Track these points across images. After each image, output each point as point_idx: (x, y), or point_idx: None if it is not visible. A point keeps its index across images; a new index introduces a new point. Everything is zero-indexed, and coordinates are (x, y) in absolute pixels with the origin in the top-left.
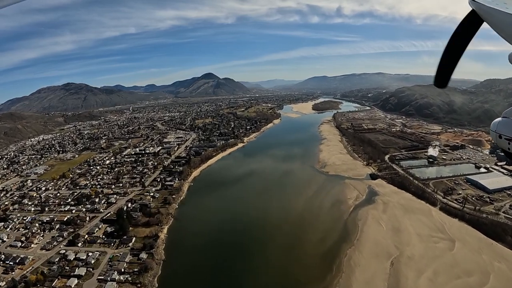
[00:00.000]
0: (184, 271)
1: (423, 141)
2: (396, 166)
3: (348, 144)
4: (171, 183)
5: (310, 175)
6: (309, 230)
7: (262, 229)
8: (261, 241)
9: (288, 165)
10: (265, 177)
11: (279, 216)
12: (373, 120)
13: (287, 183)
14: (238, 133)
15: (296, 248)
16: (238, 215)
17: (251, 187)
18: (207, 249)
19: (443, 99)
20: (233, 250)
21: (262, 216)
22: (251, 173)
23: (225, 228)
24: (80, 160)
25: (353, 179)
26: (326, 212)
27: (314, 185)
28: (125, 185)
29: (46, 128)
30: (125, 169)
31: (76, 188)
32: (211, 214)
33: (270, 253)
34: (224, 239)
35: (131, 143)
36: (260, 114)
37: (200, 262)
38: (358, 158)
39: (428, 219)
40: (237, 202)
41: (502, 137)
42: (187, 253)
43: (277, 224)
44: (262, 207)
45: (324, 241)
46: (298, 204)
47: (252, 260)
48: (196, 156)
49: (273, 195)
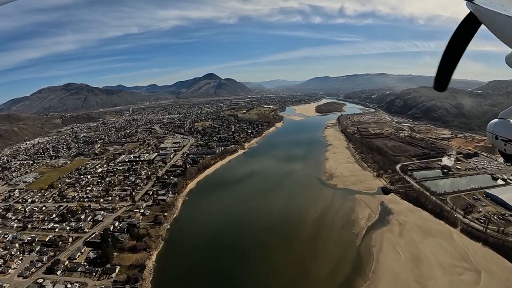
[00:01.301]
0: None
1: (434, 148)
2: (409, 178)
3: (356, 152)
4: (164, 197)
5: (316, 189)
6: (318, 260)
7: (262, 261)
8: (264, 280)
9: (292, 177)
10: (266, 190)
11: (283, 246)
12: (380, 124)
13: (291, 199)
14: (239, 138)
15: None
16: (236, 239)
17: (251, 202)
18: (200, 280)
19: (450, 102)
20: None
21: (262, 242)
22: (252, 184)
23: (222, 258)
24: (72, 167)
25: (364, 194)
26: (336, 237)
27: (321, 202)
28: (114, 199)
29: (43, 131)
30: (117, 179)
31: (63, 201)
32: (207, 238)
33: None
34: (222, 268)
35: (127, 149)
36: (262, 117)
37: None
38: (368, 168)
39: (450, 244)
40: (236, 220)
41: (498, 138)
42: (178, 285)
43: (281, 258)
44: (263, 230)
45: (334, 275)
46: (304, 229)
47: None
48: (193, 165)
49: (275, 215)
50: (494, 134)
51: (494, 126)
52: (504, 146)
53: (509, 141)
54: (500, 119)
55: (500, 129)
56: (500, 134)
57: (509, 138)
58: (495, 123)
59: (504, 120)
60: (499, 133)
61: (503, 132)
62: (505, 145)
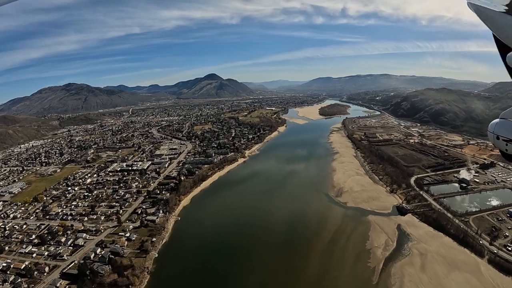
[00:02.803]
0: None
1: (448, 157)
2: (426, 194)
3: (365, 161)
4: (153, 217)
5: (325, 208)
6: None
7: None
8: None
9: (297, 192)
10: (269, 208)
11: None
12: (387, 129)
13: (297, 221)
14: (239, 144)
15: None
16: (232, 270)
17: (251, 221)
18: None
19: (459, 105)
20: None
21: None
22: (252, 200)
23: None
24: (61, 176)
25: (378, 214)
26: (349, 272)
27: (330, 225)
28: (99, 218)
29: (38, 133)
30: (105, 193)
31: (46, 218)
32: (199, 272)
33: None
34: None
35: (120, 155)
36: (264, 120)
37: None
38: (380, 182)
39: (478, 280)
40: (233, 247)
41: (499, 138)
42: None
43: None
44: (264, 262)
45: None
46: (312, 262)
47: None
48: (188, 177)
49: (279, 243)
50: (496, 134)
51: (495, 126)
52: (505, 146)
53: (510, 141)
54: (501, 119)
55: (501, 129)
56: (502, 134)
57: (510, 138)
58: (496, 123)
59: (506, 120)
60: (501, 133)
61: (505, 132)
62: (506, 145)
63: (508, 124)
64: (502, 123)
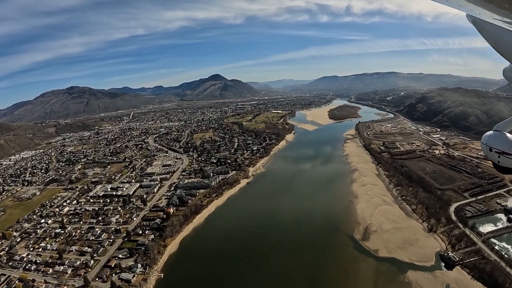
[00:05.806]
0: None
1: (483, 174)
2: (472, 231)
3: (391, 183)
4: (129, 275)
5: (350, 261)
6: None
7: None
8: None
9: (313, 234)
10: (277, 265)
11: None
12: (406, 136)
13: (315, 285)
14: (242, 159)
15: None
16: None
17: (256, 276)
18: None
19: (480, 108)
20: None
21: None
22: (256, 244)
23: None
24: (40, 200)
25: (419, 269)
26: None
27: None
28: (65, 271)
29: (32, 142)
30: (79, 230)
31: (8, 265)
32: None
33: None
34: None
35: (108, 173)
36: (270, 126)
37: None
38: (413, 214)
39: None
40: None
41: (492, 150)
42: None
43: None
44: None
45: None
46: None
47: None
48: (179, 208)
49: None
50: (489, 145)
51: (488, 138)
52: (498, 158)
53: (503, 153)
54: (495, 131)
55: (494, 141)
56: (494, 146)
57: (503, 150)
58: (489, 135)
59: (499, 132)
60: (493, 145)
61: (497, 144)
62: (499, 157)
63: (501, 136)
64: (495, 135)
